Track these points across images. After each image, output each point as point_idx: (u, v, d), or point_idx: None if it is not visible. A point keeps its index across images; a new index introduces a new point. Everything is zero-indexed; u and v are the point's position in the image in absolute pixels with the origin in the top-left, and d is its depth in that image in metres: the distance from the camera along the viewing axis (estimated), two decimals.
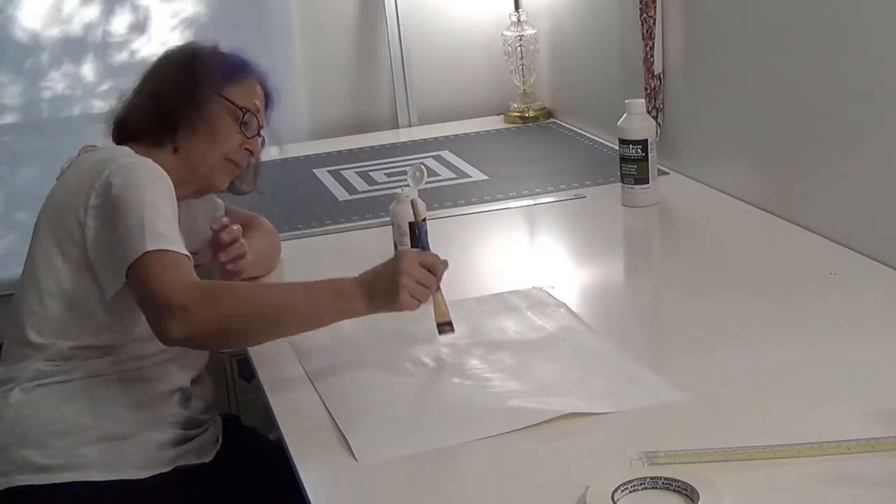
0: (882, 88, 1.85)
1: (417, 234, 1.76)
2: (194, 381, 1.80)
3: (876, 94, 1.87)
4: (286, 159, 2.96)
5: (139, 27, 3.06)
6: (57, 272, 1.70)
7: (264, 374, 1.69)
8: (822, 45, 1.99)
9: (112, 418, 1.69)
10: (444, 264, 1.68)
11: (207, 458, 1.78)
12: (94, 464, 1.66)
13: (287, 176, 2.79)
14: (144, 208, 1.63)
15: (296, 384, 1.66)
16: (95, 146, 1.84)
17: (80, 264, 1.69)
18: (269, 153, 3.06)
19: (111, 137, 1.87)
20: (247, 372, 1.78)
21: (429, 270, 1.65)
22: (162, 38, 3.04)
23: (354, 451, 1.43)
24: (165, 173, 1.73)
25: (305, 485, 1.38)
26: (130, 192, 1.65)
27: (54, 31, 3.01)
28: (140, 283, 1.59)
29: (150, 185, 1.68)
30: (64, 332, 1.70)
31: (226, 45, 1.92)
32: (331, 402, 1.57)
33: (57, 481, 1.64)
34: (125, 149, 1.80)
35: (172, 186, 1.72)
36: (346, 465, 1.41)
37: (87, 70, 3.05)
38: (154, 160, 1.76)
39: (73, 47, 3.03)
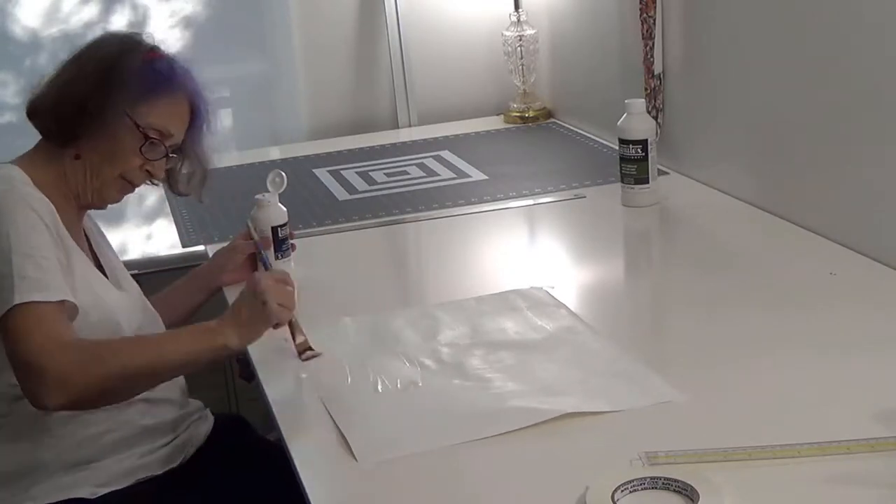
0: (882, 88, 1.85)
1: (262, 260, 1.77)
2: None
3: (876, 93, 1.87)
4: (286, 159, 2.96)
5: (138, 26, 3.05)
6: None
7: (264, 375, 1.68)
8: (821, 45, 1.99)
9: (69, 449, 1.66)
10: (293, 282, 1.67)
11: (172, 465, 1.75)
12: (44, 495, 1.63)
13: (287, 176, 2.78)
14: (11, 251, 1.55)
15: (296, 385, 1.66)
16: None
17: None
18: (270, 153, 3.09)
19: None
20: (247, 372, 1.77)
21: (283, 283, 1.64)
22: (161, 36, 3.02)
23: (354, 452, 1.42)
24: (41, 199, 1.63)
25: (305, 485, 1.38)
26: None
27: (53, 30, 3.01)
28: (10, 344, 1.53)
29: (21, 220, 1.58)
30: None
31: (140, 30, 1.78)
32: (330, 402, 1.57)
33: None
34: (3, 171, 1.68)
35: (51, 211, 1.63)
36: (346, 465, 1.41)
37: None
38: (51, 163, 1.70)
39: (73, 46, 3.02)
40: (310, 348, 1.70)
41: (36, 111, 1.74)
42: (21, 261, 1.55)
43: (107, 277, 1.77)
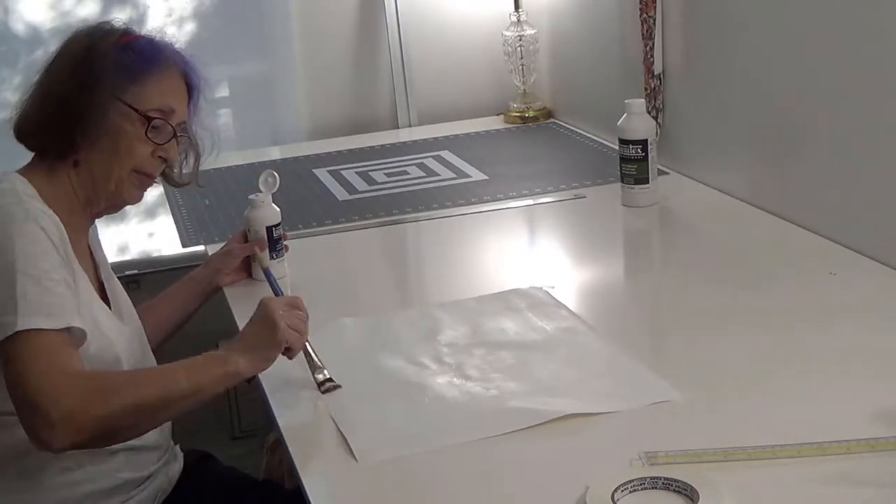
0: (882, 88, 1.85)
1: (271, 282, 1.69)
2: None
3: (876, 93, 1.87)
4: (286, 159, 2.97)
5: (137, 23, 3.05)
6: None
7: (264, 375, 1.68)
8: (821, 45, 1.99)
9: (44, 497, 1.56)
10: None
11: None
12: None
13: (287, 176, 2.78)
14: (16, 271, 1.44)
15: (296, 384, 1.65)
16: None
17: None
18: (270, 153, 3.09)
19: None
20: None
21: (294, 307, 1.59)
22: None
23: (354, 452, 1.42)
24: (50, 215, 1.52)
25: (305, 485, 1.38)
26: None
27: (53, 26, 3.01)
28: (11, 376, 1.41)
29: (27, 237, 1.47)
30: None
31: (138, 27, 1.68)
32: (331, 402, 1.57)
33: None
34: (7, 182, 1.58)
35: (59, 228, 1.53)
36: (346, 465, 1.41)
37: None
38: (54, 176, 1.60)
39: None
40: (329, 380, 1.61)
41: (24, 132, 1.63)
42: (25, 281, 1.44)
43: (109, 307, 1.67)
